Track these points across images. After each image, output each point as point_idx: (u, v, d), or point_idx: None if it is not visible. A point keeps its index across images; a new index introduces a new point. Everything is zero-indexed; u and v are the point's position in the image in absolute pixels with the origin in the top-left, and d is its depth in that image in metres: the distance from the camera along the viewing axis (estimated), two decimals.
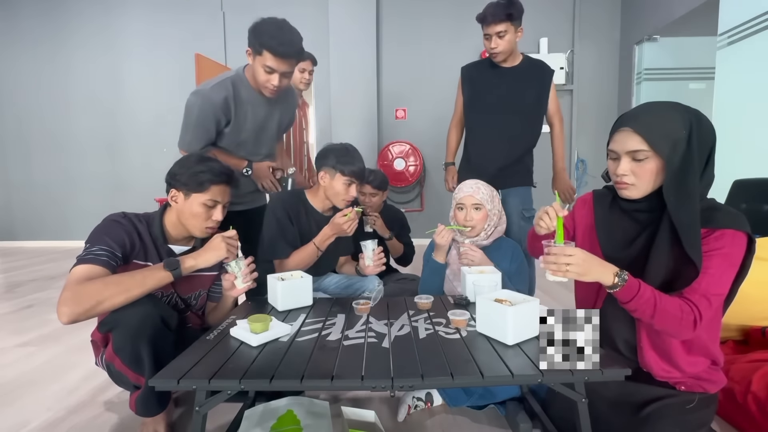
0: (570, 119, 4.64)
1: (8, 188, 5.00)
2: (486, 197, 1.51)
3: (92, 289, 1.01)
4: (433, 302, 1.29)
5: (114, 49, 4.79)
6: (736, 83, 2.73)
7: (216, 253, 1.19)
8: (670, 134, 0.90)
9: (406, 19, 4.58)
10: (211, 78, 1.62)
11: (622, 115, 0.99)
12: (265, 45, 1.44)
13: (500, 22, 1.80)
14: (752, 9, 2.58)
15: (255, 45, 1.46)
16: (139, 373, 1.09)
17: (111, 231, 1.15)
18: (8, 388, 1.54)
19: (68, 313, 0.99)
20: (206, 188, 1.23)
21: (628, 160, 0.95)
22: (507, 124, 1.95)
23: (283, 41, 1.44)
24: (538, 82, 1.96)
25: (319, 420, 1.18)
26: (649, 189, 0.96)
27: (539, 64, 1.99)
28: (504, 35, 1.83)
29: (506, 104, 1.95)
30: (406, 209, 4.67)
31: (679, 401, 0.99)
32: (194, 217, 1.24)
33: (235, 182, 1.34)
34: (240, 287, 1.26)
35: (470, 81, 2.04)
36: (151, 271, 1.10)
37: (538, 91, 1.96)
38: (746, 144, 2.47)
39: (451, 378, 0.83)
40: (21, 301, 2.67)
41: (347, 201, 1.61)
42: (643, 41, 4.01)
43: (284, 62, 1.48)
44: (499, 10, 1.79)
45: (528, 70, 1.96)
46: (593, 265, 0.92)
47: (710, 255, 0.89)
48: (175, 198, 1.25)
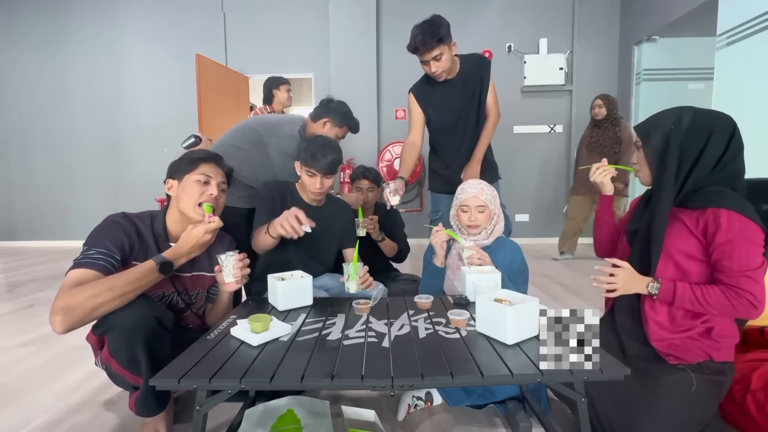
0: (569, 120, 4.65)
1: (9, 188, 5.01)
2: (489, 197, 1.52)
3: (85, 296, 0.98)
4: (433, 302, 1.29)
5: (115, 50, 4.80)
6: (735, 84, 2.73)
7: (194, 238, 1.17)
8: (659, 126, 1.11)
9: (406, 19, 4.55)
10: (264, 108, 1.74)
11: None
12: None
13: (433, 48, 1.81)
14: (751, 9, 2.59)
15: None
16: (136, 374, 1.09)
17: (110, 233, 1.14)
18: (8, 388, 1.54)
19: (62, 323, 0.96)
20: (196, 165, 1.28)
21: (637, 150, 1.19)
22: (464, 131, 2.02)
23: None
24: (478, 77, 1.96)
25: (320, 419, 1.18)
26: (649, 173, 1.17)
27: (474, 60, 1.99)
28: (440, 57, 1.84)
29: (459, 114, 2.00)
30: (406, 209, 4.67)
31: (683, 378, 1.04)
32: (189, 195, 1.24)
33: (225, 166, 1.36)
34: (227, 281, 1.23)
35: (425, 101, 2.05)
36: (140, 267, 1.09)
37: (481, 88, 1.97)
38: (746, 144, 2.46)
39: (450, 377, 0.83)
40: (22, 301, 2.67)
41: (315, 193, 1.59)
42: (643, 42, 4.02)
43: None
44: (428, 38, 1.79)
45: (468, 73, 1.97)
46: (631, 282, 1.09)
47: (722, 244, 1.00)
48: (171, 188, 1.28)
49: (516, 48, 4.58)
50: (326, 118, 1.86)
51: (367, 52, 4.51)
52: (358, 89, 4.53)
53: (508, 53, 4.60)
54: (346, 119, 1.90)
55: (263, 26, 4.70)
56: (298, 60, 4.72)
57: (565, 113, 4.66)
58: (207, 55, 4.02)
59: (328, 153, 1.54)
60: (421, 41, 1.80)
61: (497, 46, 4.58)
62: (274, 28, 4.69)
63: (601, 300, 1.31)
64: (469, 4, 4.59)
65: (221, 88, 4.09)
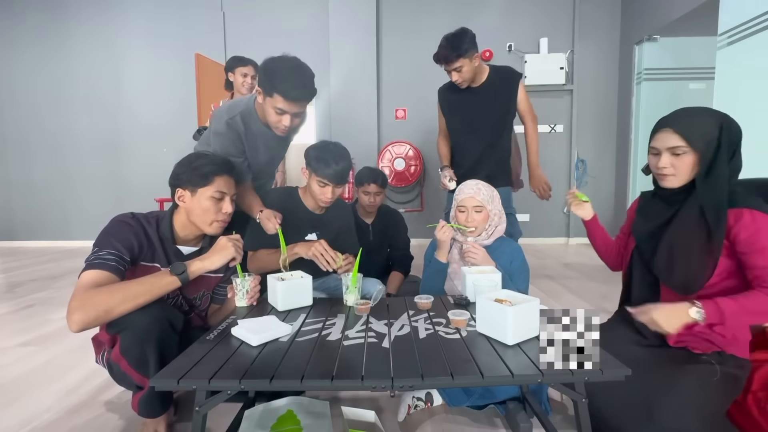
0: (570, 119, 4.64)
1: (8, 188, 5.01)
2: (486, 198, 1.51)
3: (101, 298, 1.02)
4: (433, 302, 1.29)
5: (114, 49, 4.80)
6: (736, 83, 2.73)
7: (224, 254, 1.20)
8: (705, 133, 1.05)
9: (406, 20, 4.58)
10: (226, 100, 1.61)
11: (663, 118, 1.13)
12: (277, 88, 1.38)
13: (454, 61, 1.96)
14: (752, 9, 2.58)
15: (266, 87, 1.40)
16: (144, 374, 1.10)
17: (119, 233, 1.15)
18: (8, 388, 1.54)
19: (78, 321, 1.00)
20: (211, 180, 1.24)
21: (668, 155, 1.09)
22: (483, 138, 2.13)
23: (295, 84, 1.38)
24: (506, 91, 2.11)
25: (320, 420, 1.18)
26: (686, 179, 1.09)
27: (505, 73, 2.14)
28: (461, 69, 1.98)
29: (480, 120, 2.12)
30: (407, 209, 4.67)
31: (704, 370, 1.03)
32: (204, 212, 1.24)
33: (237, 174, 1.34)
34: (239, 305, 1.29)
35: (445, 103, 2.21)
36: (158, 278, 1.10)
37: (506, 100, 2.12)
38: (746, 144, 2.46)
39: (451, 378, 0.83)
40: (21, 301, 2.67)
41: (325, 203, 1.58)
42: (643, 41, 4.01)
43: (296, 105, 1.43)
44: (450, 52, 1.94)
45: (495, 84, 2.11)
46: (672, 316, 1.02)
47: (747, 239, 0.99)
48: (182, 198, 1.25)
49: (516, 47, 4.57)
50: (258, 88, 1.47)
51: (367, 52, 4.51)
52: (358, 89, 4.53)
53: (508, 53, 4.59)
54: (271, 81, 1.39)
55: (263, 25, 4.69)
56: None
57: (566, 113, 4.66)
58: (206, 54, 4.01)
59: (340, 161, 1.51)
60: (444, 55, 1.97)
61: (497, 46, 4.57)
62: (274, 27, 4.69)
63: (601, 300, 1.31)
64: (470, 3, 4.58)
65: (221, 87, 4.08)
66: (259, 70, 1.43)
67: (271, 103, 1.42)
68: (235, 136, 1.53)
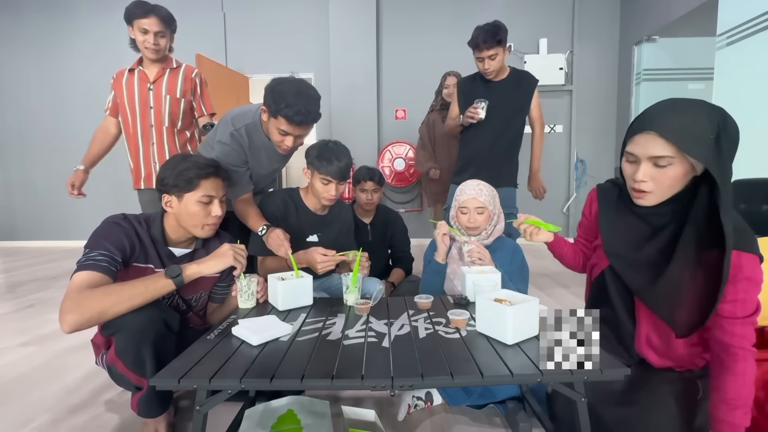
0: (569, 119, 4.65)
1: (9, 188, 5.00)
2: (488, 198, 1.52)
3: (94, 299, 1.00)
4: (433, 302, 1.29)
5: (114, 49, 4.78)
6: (735, 84, 2.73)
7: (222, 261, 1.19)
8: (699, 138, 0.84)
9: (406, 19, 4.58)
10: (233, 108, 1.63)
11: (643, 115, 0.92)
12: (281, 112, 1.40)
13: (491, 48, 2.03)
14: (751, 9, 2.59)
15: (271, 108, 1.43)
16: (141, 375, 1.09)
17: (110, 234, 1.14)
18: (8, 388, 1.54)
19: (71, 322, 0.98)
20: (196, 185, 1.21)
21: (650, 165, 0.90)
22: (496, 131, 2.18)
23: (299, 110, 1.40)
24: (524, 91, 2.21)
25: (320, 419, 1.18)
26: (667, 196, 0.92)
27: (524, 75, 2.24)
28: (495, 57, 2.07)
29: (496, 114, 2.16)
30: (406, 209, 4.67)
31: (686, 388, 1.01)
32: (192, 217, 1.22)
33: (224, 173, 1.31)
34: (242, 306, 1.28)
35: (465, 94, 2.26)
36: (153, 280, 1.09)
37: (523, 100, 2.22)
38: (745, 144, 2.46)
39: (450, 377, 0.83)
40: (22, 301, 2.68)
41: (329, 200, 1.59)
42: (643, 42, 4.02)
43: (300, 128, 1.46)
44: (489, 36, 2.02)
45: (514, 82, 2.20)
46: None
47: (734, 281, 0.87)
48: (169, 203, 1.23)
49: (516, 48, 4.57)
50: (263, 106, 1.50)
51: (367, 51, 4.51)
52: (358, 89, 4.53)
53: (508, 53, 4.59)
54: (277, 104, 1.41)
55: (263, 26, 4.69)
56: (298, 60, 4.71)
57: (565, 113, 4.66)
58: (207, 55, 4.01)
59: (342, 157, 1.53)
60: (483, 38, 2.03)
61: None
62: (275, 27, 4.68)
63: None
64: (470, 3, 4.58)
65: (221, 88, 4.09)
66: (266, 91, 1.46)
67: (275, 124, 1.46)
68: (238, 147, 1.56)
